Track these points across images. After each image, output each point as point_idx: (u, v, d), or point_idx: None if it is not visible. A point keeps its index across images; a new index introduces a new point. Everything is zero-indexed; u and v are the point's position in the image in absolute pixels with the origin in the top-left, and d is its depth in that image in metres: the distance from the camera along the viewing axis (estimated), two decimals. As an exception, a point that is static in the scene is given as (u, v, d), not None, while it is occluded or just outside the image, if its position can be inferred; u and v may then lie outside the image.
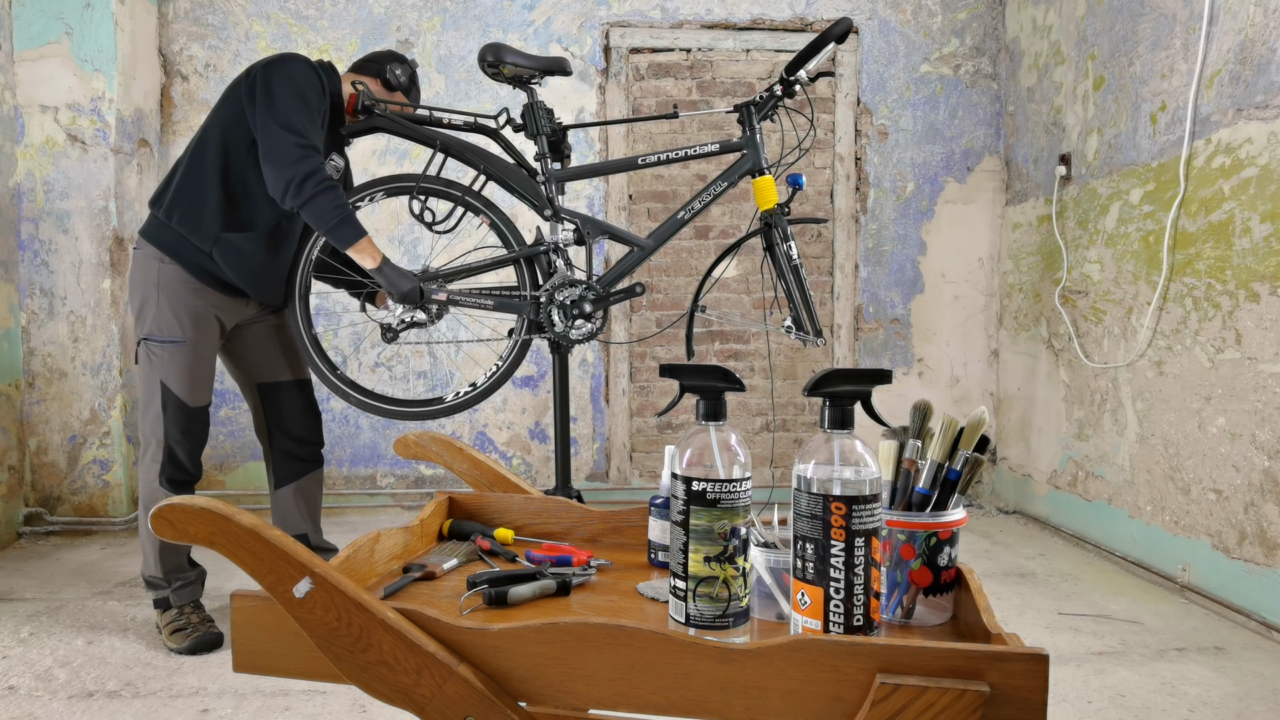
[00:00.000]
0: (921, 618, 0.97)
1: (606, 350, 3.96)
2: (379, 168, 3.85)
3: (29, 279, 3.41)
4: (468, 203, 2.45)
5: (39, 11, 3.35)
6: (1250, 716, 1.91)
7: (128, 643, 2.30)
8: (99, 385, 3.45)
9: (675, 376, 0.95)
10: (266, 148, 2.14)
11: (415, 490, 3.93)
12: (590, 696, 0.84)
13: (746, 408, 4.02)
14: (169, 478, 2.26)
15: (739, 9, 3.91)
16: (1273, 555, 2.35)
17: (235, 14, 3.79)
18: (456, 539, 1.27)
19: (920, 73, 3.97)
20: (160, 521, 0.87)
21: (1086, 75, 3.31)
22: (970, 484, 1.00)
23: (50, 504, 3.45)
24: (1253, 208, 2.43)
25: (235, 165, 2.24)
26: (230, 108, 2.23)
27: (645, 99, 3.92)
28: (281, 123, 2.14)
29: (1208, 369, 2.61)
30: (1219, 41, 2.58)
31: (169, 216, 2.23)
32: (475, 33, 3.86)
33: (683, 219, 2.47)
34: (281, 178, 2.13)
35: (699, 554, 0.87)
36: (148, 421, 2.27)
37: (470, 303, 2.42)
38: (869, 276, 4.01)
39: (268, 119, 2.14)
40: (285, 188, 2.13)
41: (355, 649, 0.87)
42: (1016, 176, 3.89)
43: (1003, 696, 0.75)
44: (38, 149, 3.40)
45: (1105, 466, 3.15)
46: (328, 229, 2.17)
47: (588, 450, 3.98)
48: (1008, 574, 2.95)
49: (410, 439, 1.39)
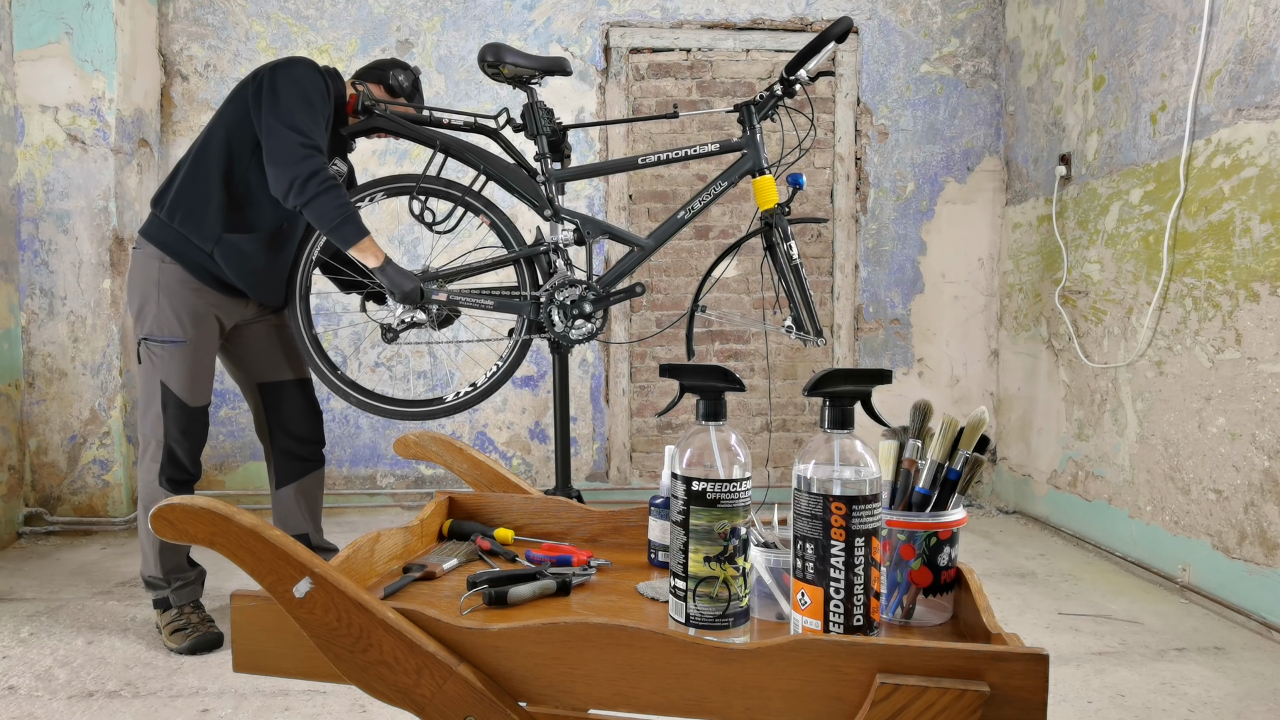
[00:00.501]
0: (921, 618, 0.97)
1: (606, 350, 3.96)
2: (379, 168, 3.85)
3: (29, 279, 3.41)
4: (468, 203, 2.45)
5: (39, 11, 3.35)
6: (1250, 716, 1.91)
7: (128, 643, 2.30)
8: (99, 385, 3.45)
9: (675, 376, 0.95)
10: (270, 147, 2.15)
11: (415, 490, 3.93)
12: (590, 696, 0.84)
13: (746, 408, 4.02)
14: (169, 477, 2.26)
15: (739, 9, 3.91)
16: (1273, 555, 2.35)
17: (235, 14, 3.79)
18: (456, 539, 1.27)
19: (920, 73, 3.97)
20: (160, 521, 0.87)
21: (1086, 75, 3.31)
22: (970, 484, 1.00)
23: (50, 504, 3.45)
24: (1253, 208, 2.43)
25: (239, 167, 2.24)
26: (235, 110, 2.24)
27: (645, 99, 3.92)
28: (285, 122, 2.14)
29: (1208, 369, 2.61)
30: (1219, 41, 2.58)
31: (171, 216, 2.24)
32: (475, 33, 3.86)
33: (683, 219, 2.47)
34: (285, 176, 2.13)
35: (699, 554, 0.87)
36: (147, 421, 2.27)
37: (470, 303, 2.42)
38: (869, 276, 4.01)
39: (272, 119, 2.15)
40: (288, 186, 2.13)
41: (355, 649, 0.87)
42: (1016, 176, 3.89)
43: (1003, 696, 0.75)
44: (38, 149, 3.40)
45: (1105, 466, 3.15)
46: (330, 228, 2.17)
47: (588, 450, 3.98)
48: (1008, 574, 2.95)
49: (410, 439, 1.39)
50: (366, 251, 2.22)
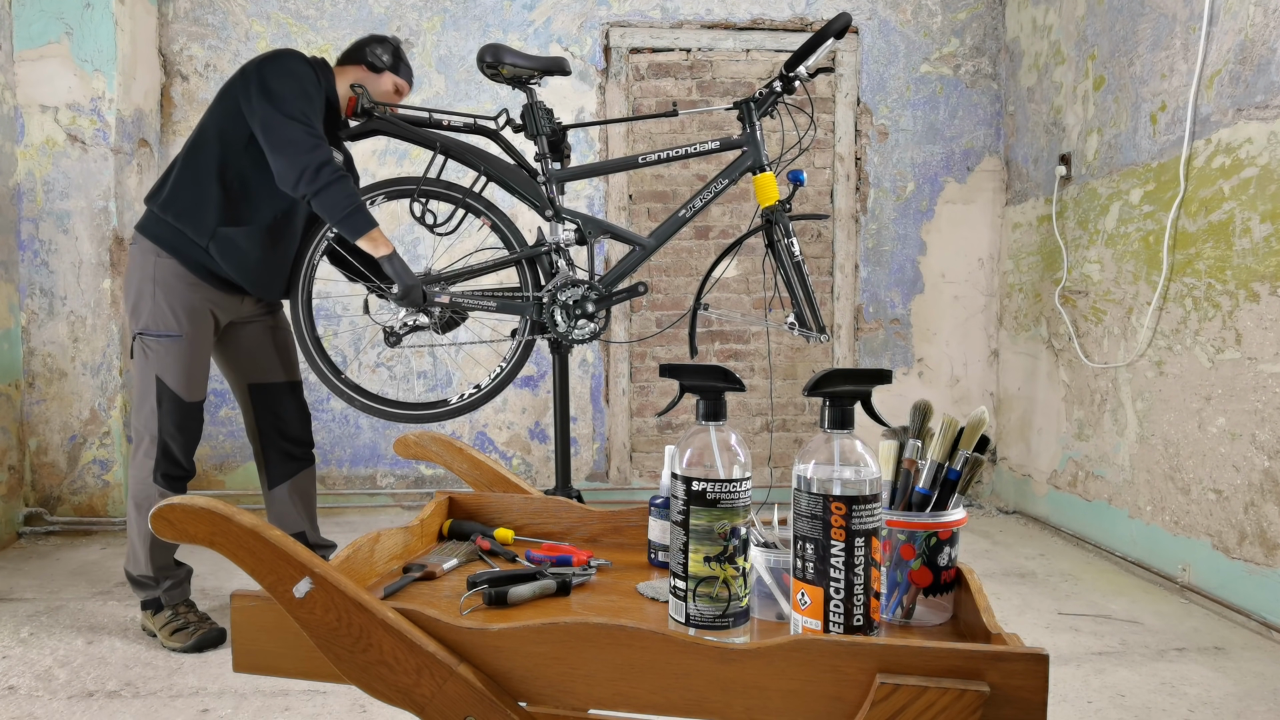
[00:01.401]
0: (921, 618, 0.97)
1: (606, 350, 3.96)
2: (379, 168, 3.85)
3: (29, 279, 3.41)
4: (469, 204, 2.45)
5: (39, 11, 3.35)
6: (1250, 716, 1.91)
7: (128, 643, 2.30)
8: (99, 385, 3.45)
9: (675, 376, 0.95)
10: (275, 139, 2.14)
11: (415, 490, 3.93)
12: (590, 696, 0.84)
13: (746, 408, 4.02)
14: (164, 473, 2.25)
15: (739, 9, 3.91)
16: (1273, 555, 2.35)
17: (235, 14, 3.79)
18: (456, 539, 1.27)
19: (920, 73, 3.97)
20: (160, 521, 0.87)
21: (1086, 75, 3.31)
22: (970, 484, 1.00)
23: (50, 504, 3.45)
24: (1253, 208, 2.43)
25: (233, 162, 2.23)
26: (226, 105, 2.23)
27: (645, 99, 3.92)
28: (288, 114, 2.14)
29: (1208, 369, 2.61)
30: (1219, 41, 2.58)
31: (166, 212, 2.23)
32: (475, 33, 3.86)
33: (684, 217, 2.47)
34: (294, 167, 2.13)
35: (699, 554, 0.87)
36: (142, 417, 2.26)
37: (474, 304, 2.42)
38: (869, 276, 4.01)
39: (272, 112, 2.14)
40: (299, 176, 2.13)
41: (355, 649, 0.87)
42: (1016, 176, 3.89)
43: (1003, 696, 0.75)
44: (38, 149, 3.40)
45: (1105, 466, 3.15)
46: (340, 218, 2.16)
47: (588, 450, 3.98)
48: (1008, 574, 2.95)
49: (410, 439, 1.39)
50: (376, 241, 2.22)
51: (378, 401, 2.49)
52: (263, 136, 2.16)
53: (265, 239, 2.30)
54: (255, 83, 2.18)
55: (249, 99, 2.18)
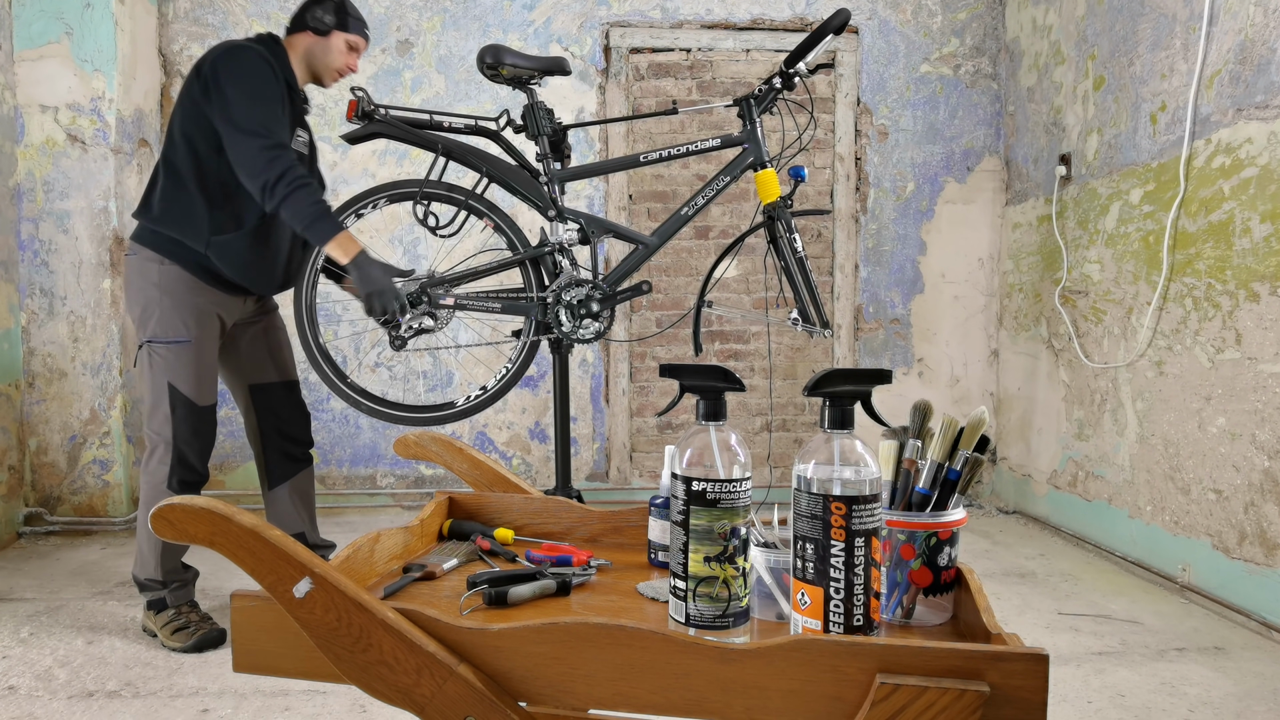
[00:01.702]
0: (921, 618, 0.97)
1: (606, 350, 3.96)
2: (379, 168, 3.85)
3: (29, 279, 3.41)
4: (471, 206, 2.45)
5: (39, 11, 3.35)
6: (1250, 716, 1.90)
7: (128, 643, 2.30)
8: (99, 385, 3.45)
9: (675, 376, 0.95)
10: (234, 156, 2.14)
11: (415, 490, 3.93)
12: (590, 696, 0.84)
13: (746, 408, 4.02)
14: (180, 479, 2.24)
15: (739, 9, 3.91)
16: (1273, 555, 2.35)
17: (235, 14, 3.79)
18: (456, 539, 1.27)
19: (920, 73, 3.97)
20: (160, 521, 0.87)
21: (1086, 75, 3.31)
22: (970, 484, 1.00)
23: (50, 504, 3.45)
24: (1253, 208, 2.43)
25: (210, 168, 2.21)
26: (185, 111, 2.20)
27: (645, 99, 3.93)
28: (242, 128, 2.12)
29: (1208, 369, 2.61)
30: (1219, 41, 2.58)
31: (159, 226, 2.23)
32: (475, 33, 3.86)
33: (686, 215, 2.47)
34: (254, 184, 2.13)
35: (699, 554, 0.87)
36: (154, 424, 2.25)
37: (477, 306, 2.42)
38: (869, 276, 4.01)
39: (228, 127, 2.13)
40: (260, 192, 2.14)
41: (355, 649, 0.87)
42: (1016, 176, 3.89)
43: (1003, 696, 0.75)
44: (38, 149, 3.40)
45: (1105, 466, 3.14)
46: (303, 227, 2.15)
47: (588, 450, 3.98)
48: (1008, 574, 2.95)
49: (410, 439, 1.39)
50: (344, 245, 2.18)
51: (384, 405, 2.49)
52: (227, 150, 2.15)
53: (256, 240, 2.29)
54: (210, 88, 2.15)
55: (208, 101, 2.16)
